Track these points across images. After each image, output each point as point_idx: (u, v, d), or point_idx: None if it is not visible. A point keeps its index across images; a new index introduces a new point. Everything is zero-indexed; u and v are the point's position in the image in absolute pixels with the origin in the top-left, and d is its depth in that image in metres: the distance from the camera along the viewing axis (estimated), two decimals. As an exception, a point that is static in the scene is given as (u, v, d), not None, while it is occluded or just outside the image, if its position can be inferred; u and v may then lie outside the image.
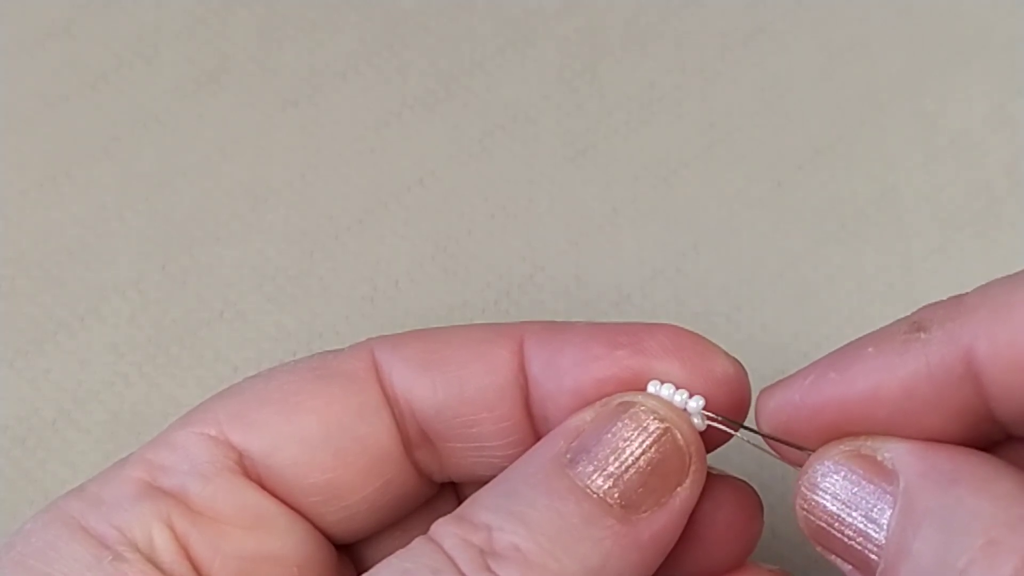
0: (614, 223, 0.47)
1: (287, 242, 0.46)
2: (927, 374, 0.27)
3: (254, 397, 0.32)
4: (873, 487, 0.27)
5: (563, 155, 0.48)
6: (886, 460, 0.27)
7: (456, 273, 0.46)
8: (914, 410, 0.27)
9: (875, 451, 0.28)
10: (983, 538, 0.25)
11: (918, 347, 0.28)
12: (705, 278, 0.46)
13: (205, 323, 0.45)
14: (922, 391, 0.27)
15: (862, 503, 0.27)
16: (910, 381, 0.27)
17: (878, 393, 0.28)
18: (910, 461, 0.27)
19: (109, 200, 0.47)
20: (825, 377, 0.29)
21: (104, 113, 0.49)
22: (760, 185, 0.48)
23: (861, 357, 0.28)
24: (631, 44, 0.51)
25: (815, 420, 0.28)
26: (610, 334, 0.31)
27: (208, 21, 0.51)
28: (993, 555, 0.24)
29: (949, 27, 0.51)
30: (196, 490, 0.30)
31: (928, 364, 0.27)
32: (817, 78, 0.50)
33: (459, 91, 0.50)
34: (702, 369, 0.31)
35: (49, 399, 0.43)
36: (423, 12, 0.51)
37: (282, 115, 0.49)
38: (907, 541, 0.26)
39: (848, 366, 0.28)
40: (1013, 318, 0.27)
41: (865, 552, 0.27)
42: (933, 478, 0.26)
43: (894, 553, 0.26)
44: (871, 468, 0.28)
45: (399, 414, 0.32)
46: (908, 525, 0.26)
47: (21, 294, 0.45)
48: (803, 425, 0.29)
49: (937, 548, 0.25)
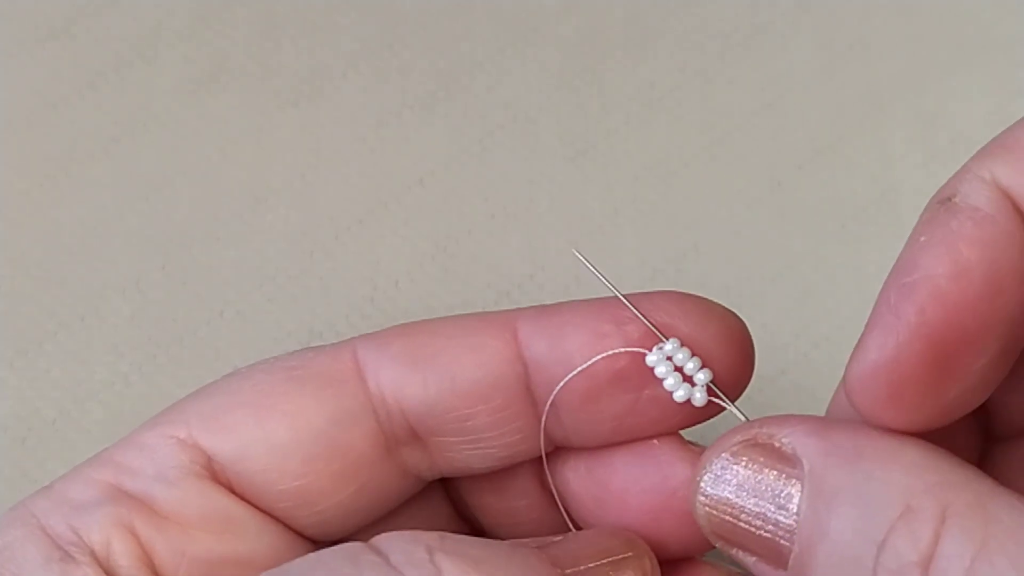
0: (614, 223, 0.47)
1: (287, 242, 0.46)
2: (987, 219, 0.26)
3: (227, 399, 0.31)
4: (776, 473, 0.27)
5: (563, 155, 0.48)
6: (785, 446, 0.27)
7: (456, 273, 0.46)
8: (1004, 261, 0.26)
9: (771, 438, 0.27)
10: (900, 507, 0.25)
11: (958, 207, 0.27)
12: (705, 278, 0.46)
13: (205, 323, 0.45)
14: (994, 238, 0.26)
15: (767, 491, 0.27)
16: (978, 235, 0.26)
17: (963, 267, 0.26)
18: (810, 443, 0.27)
19: (109, 200, 0.47)
20: (904, 292, 0.26)
21: (104, 113, 0.49)
22: (760, 185, 0.48)
23: (918, 251, 0.27)
24: (631, 44, 0.51)
25: (935, 337, 0.26)
26: (611, 309, 0.31)
27: (208, 21, 0.51)
28: (912, 522, 0.24)
29: (949, 27, 0.51)
30: (161, 495, 0.30)
31: (979, 213, 0.26)
32: (817, 78, 0.50)
33: (459, 91, 0.50)
34: (709, 329, 0.30)
35: (49, 399, 0.43)
36: (423, 12, 0.51)
37: (282, 115, 0.49)
38: (822, 522, 0.26)
39: (913, 269, 0.26)
40: None
41: (776, 540, 0.27)
42: (838, 456, 0.26)
43: (809, 536, 0.26)
44: (771, 455, 0.27)
45: (385, 415, 0.31)
46: (820, 506, 0.26)
47: (21, 294, 0.45)
48: (925, 353, 0.26)
49: (854, 524, 0.25)
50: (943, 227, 0.27)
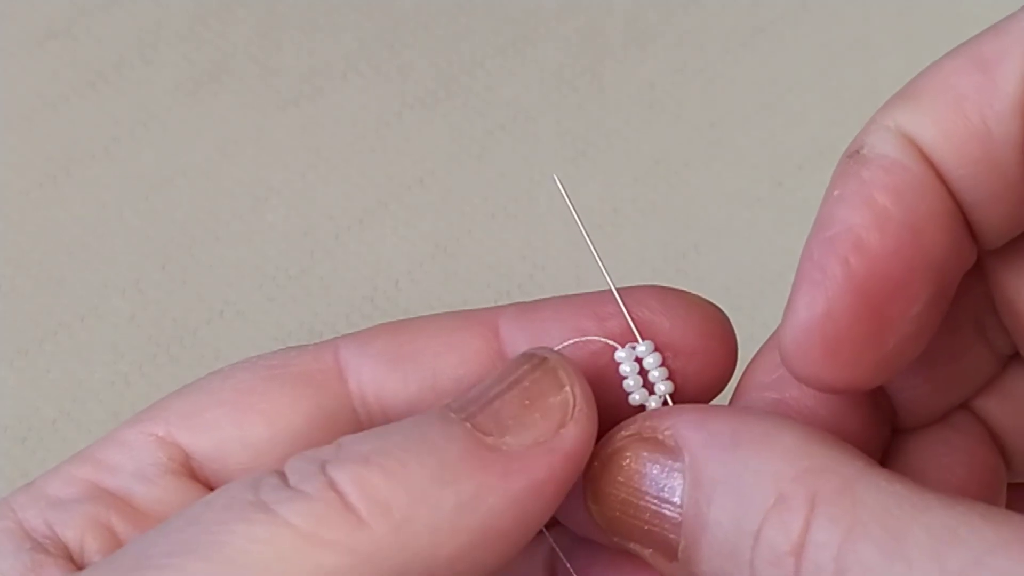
0: (614, 223, 0.47)
1: (287, 242, 0.46)
2: (897, 166, 0.26)
3: (206, 397, 0.31)
4: (660, 467, 0.26)
5: (563, 155, 0.48)
6: (667, 438, 0.26)
7: (456, 273, 0.46)
8: (919, 205, 0.26)
9: (655, 431, 0.27)
10: (772, 496, 0.24)
11: (868, 157, 0.27)
12: (705, 278, 0.46)
13: (205, 323, 0.45)
14: (907, 184, 0.26)
15: (652, 485, 0.26)
16: (890, 182, 0.26)
17: (880, 215, 0.26)
18: (690, 433, 0.26)
19: (109, 200, 0.47)
20: (826, 246, 0.27)
21: (104, 113, 0.49)
22: (760, 185, 0.48)
23: (833, 205, 0.27)
24: (631, 44, 0.51)
25: (869, 288, 0.26)
26: (593, 305, 0.31)
27: (208, 21, 0.51)
28: (783, 511, 0.24)
29: (949, 27, 0.51)
30: (140, 492, 0.30)
31: (888, 161, 0.26)
32: (817, 78, 0.50)
33: (459, 91, 0.50)
34: (690, 324, 0.30)
35: (49, 399, 0.43)
36: (423, 12, 0.51)
37: (282, 115, 0.49)
38: (703, 514, 0.25)
39: (831, 223, 0.27)
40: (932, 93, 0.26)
41: (664, 533, 0.26)
42: (715, 446, 0.26)
43: (692, 528, 0.26)
44: (655, 448, 0.27)
45: (366, 413, 0.31)
46: (700, 498, 0.26)
47: (21, 294, 0.45)
48: (857, 308, 0.26)
49: (733, 514, 0.25)
50: (855, 178, 0.27)
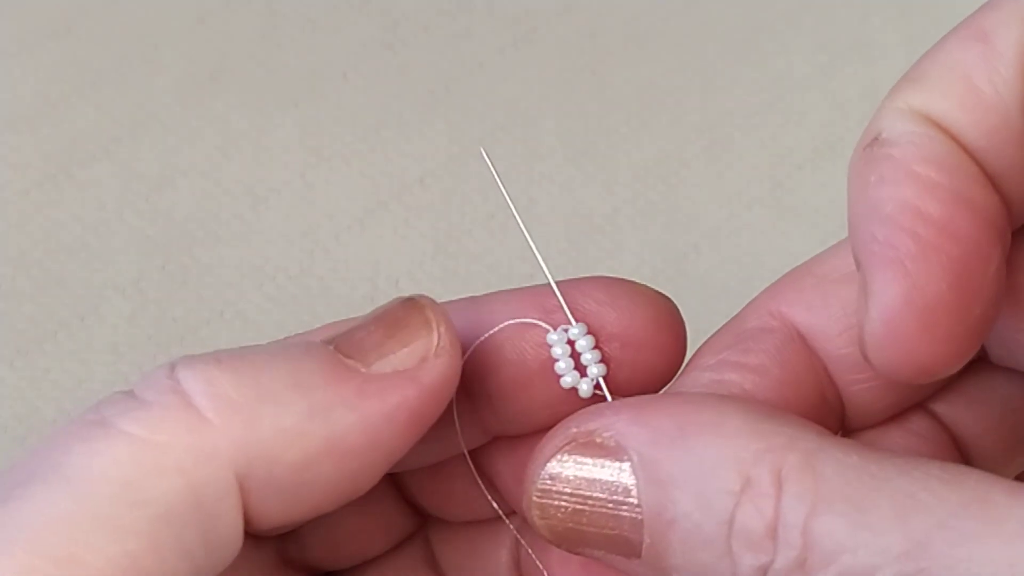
0: (614, 223, 0.47)
1: (287, 242, 0.46)
2: (924, 138, 0.26)
3: None
4: (607, 470, 0.26)
5: (563, 155, 0.48)
6: (606, 440, 0.26)
7: (456, 273, 0.46)
8: (960, 168, 0.26)
9: (593, 434, 0.26)
10: (739, 482, 0.24)
11: (891, 139, 0.26)
12: (705, 278, 0.46)
13: (205, 323, 0.45)
14: (940, 152, 0.26)
15: (604, 489, 0.26)
16: (924, 154, 0.26)
17: (928, 184, 0.25)
18: (632, 431, 0.26)
19: (109, 200, 0.47)
20: (889, 225, 0.25)
21: (104, 113, 0.49)
22: (760, 185, 0.48)
23: (877, 189, 0.26)
24: (631, 44, 0.51)
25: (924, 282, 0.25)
26: (539, 297, 0.31)
27: (208, 21, 0.51)
28: (754, 495, 0.24)
29: (949, 27, 0.51)
30: None
31: (914, 134, 0.26)
32: (817, 78, 0.50)
33: (459, 91, 0.50)
34: (636, 314, 0.30)
35: (49, 399, 0.43)
36: (423, 12, 0.51)
37: (282, 115, 0.49)
38: (666, 511, 0.25)
39: (883, 204, 0.26)
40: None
41: (623, 535, 0.26)
42: (663, 442, 0.25)
43: (657, 526, 0.25)
44: (597, 452, 0.26)
45: None
46: (660, 495, 0.25)
47: (21, 294, 0.45)
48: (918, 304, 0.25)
49: (699, 507, 0.25)
50: (888, 160, 0.26)
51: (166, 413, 0.25)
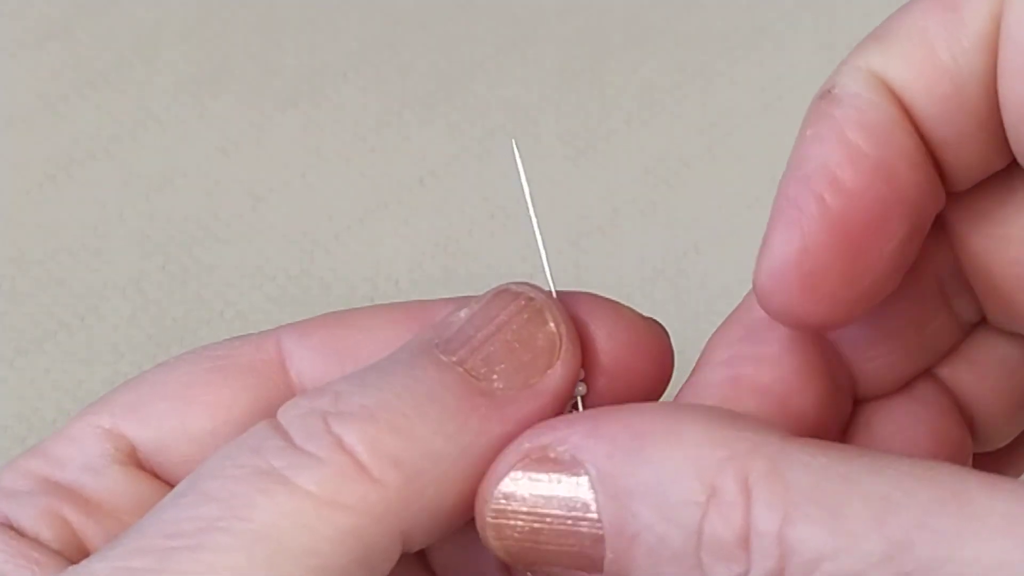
0: (614, 223, 0.47)
1: (287, 242, 0.46)
2: (868, 104, 0.26)
3: (151, 389, 0.31)
4: (563, 485, 0.25)
5: (563, 155, 0.48)
6: (560, 454, 0.25)
7: (456, 273, 0.46)
8: (891, 142, 0.26)
9: (547, 449, 0.26)
10: (704, 491, 0.24)
11: (839, 96, 0.27)
12: (705, 278, 0.46)
13: (205, 323, 0.45)
14: (879, 121, 0.26)
15: (561, 506, 0.25)
16: (863, 120, 0.26)
17: (854, 152, 0.26)
18: (588, 445, 0.25)
19: (109, 200, 0.47)
20: (801, 184, 0.26)
21: (104, 113, 0.49)
22: (760, 185, 0.48)
23: (807, 145, 0.27)
24: (631, 44, 0.51)
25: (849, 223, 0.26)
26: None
27: (208, 21, 0.51)
28: (721, 505, 0.24)
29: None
30: (90, 483, 0.30)
31: (860, 99, 0.27)
32: (817, 78, 0.50)
33: (459, 91, 0.50)
34: (617, 335, 0.30)
35: (49, 399, 0.43)
36: (423, 12, 0.51)
37: (282, 115, 0.49)
38: (628, 526, 0.25)
39: (806, 161, 0.27)
40: None
41: (583, 551, 0.25)
42: (621, 454, 0.25)
43: (619, 541, 0.25)
44: (552, 467, 0.25)
45: None
46: (621, 510, 0.25)
47: (21, 294, 0.45)
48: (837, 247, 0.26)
49: (664, 520, 0.24)
50: (828, 118, 0.27)
51: (343, 474, 0.25)
